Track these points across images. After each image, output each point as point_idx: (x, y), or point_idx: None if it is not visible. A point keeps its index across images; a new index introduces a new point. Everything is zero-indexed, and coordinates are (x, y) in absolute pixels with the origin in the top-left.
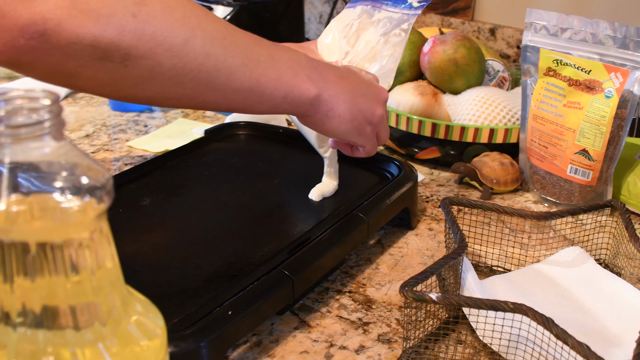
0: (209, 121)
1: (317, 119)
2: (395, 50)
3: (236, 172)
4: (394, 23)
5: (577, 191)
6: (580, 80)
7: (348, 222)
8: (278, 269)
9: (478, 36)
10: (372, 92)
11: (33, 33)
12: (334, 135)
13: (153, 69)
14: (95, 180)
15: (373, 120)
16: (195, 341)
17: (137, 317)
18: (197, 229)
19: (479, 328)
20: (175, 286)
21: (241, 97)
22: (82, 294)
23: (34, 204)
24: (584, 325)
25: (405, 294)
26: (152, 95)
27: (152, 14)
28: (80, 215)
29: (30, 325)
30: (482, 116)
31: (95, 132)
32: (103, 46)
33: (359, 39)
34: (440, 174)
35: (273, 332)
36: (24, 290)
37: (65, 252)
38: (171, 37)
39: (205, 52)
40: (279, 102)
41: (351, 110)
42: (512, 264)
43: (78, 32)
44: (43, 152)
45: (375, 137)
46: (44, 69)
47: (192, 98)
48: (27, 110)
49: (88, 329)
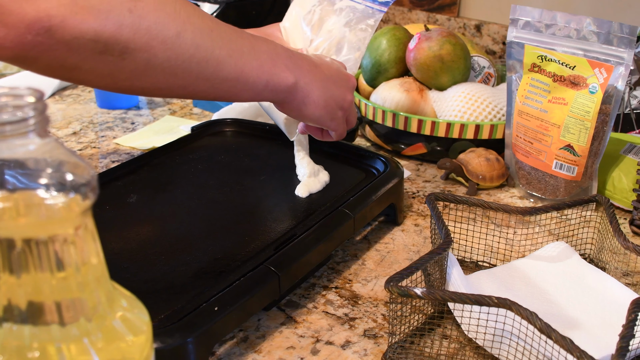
0: (195, 118)
1: (294, 105)
2: (362, 43)
3: (223, 168)
4: (357, 14)
5: (562, 186)
6: (564, 76)
7: (334, 218)
8: (264, 265)
9: (464, 32)
10: (342, 79)
11: (39, 29)
12: (309, 120)
13: (149, 61)
14: (80, 177)
15: (344, 106)
16: (181, 337)
17: (122, 312)
18: (184, 226)
19: (464, 323)
20: (162, 282)
21: (227, 86)
22: (67, 289)
23: (19, 200)
24: (568, 320)
25: (390, 289)
26: (147, 86)
27: (147, 9)
28: (65, 211)
29: (16, 321)
30: (468, 112)
31: (82, 129)
32: (103, 40)
33: (322, 28)
34: (427, 170)
35: (259, 327)
36: (10, 286)
37: (50, 248)
38: (165, 31)
39: (195, 44)
40: (260, 90)
41: (324, 97)
42: (497, 259)
43: (81, 28)
44: (28, 149)
45: (345, 122)
46: (47, 63)
47: (183, 88)
48: (11, 108)
49: (73, 325)
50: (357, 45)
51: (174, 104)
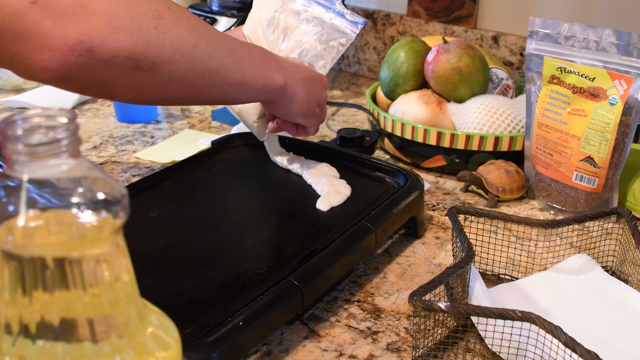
0: (214, 132)
1: (282, 104)
2: (330, 58)
3: (244, 182)
4: (326, 28)
5: (582, 198)
6: (584, 88)
7: (356, 232)
8: (287, 279)
9: (481, 44)
10: (318, 78)
11: (81, 50)
12: (295, 116)
13: (172, 74)
14: (111, 196)
15: (320, 102)
16: (207, 352)
17: (152, 329)
18: (207, 240)
19: (487, 336)
20: (185, 297)
21: (233, 91)
22: (99, 307)
23: (51, 219)
24: (592, 333)
25: (414, 303)
26: (168, 96)
27: (168, 25)
28: (97, 230)
29: (49, 338)
30: (487, 124)
31: (102, 143)
32: (135, 57)
33: (290, 36)
34: (446, 182)
35: (283, 341)
36: (43, 303)
37: (84, 266)
38: (184, 44)
39: (208, 55)
40: (258, 91)
41: (307, 94)
42: (519, 271)
43: (117, 47)
44: (60, 169)
45: (320, 117)
46: (87, 81)
47: (197, 95)
48: (44, 129)
49: (105, 342)
50: (324, 60)
51: (193, 117)
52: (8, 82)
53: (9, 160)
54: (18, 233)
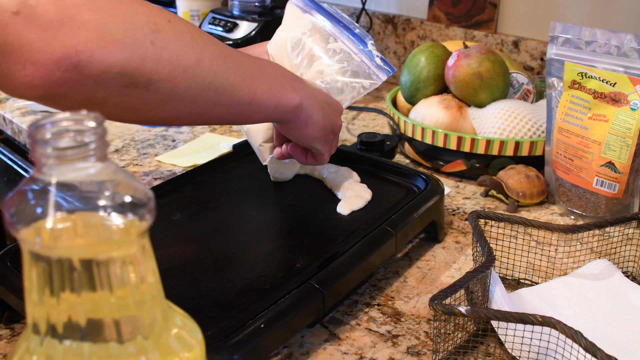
0: (235, 135)
1: (297, 125)
2: (350, 97)
3: (265, 186)
4: (353, 66)
5: (603, 204)
6: (605, 93)
7: (376, 236)
8: (309, 283)
9: (501, 49)
10: (334, 104)
11: (68, 65)
12: (308, 139)
13: (171, 91)
14: (137, 200)
15: (335, 130)
16: (229, 354)
17: (176, 330)
18: (228, 243)
19: (507, 341)
20: (207, 299)
21: (241, 110)
22: (125, 308)
23: (78, 221)
24: (612, 338)
25: (434, 307)
26: (168, 115)
27: (167, 39)
28: (123, 233)
29: (76, 339)
30: (508, 129)
31: (124, 147)
32: (129, 73)
33: (312, 65)
34: (466, 187)
35: (304, 344)
36: (70, 304)
37: (110, 268)
38: (185, 60)
39: (213, 72)
40: (270, 111)
41: (323, 118)
42: (539, 276)
43: (108, 62)
44: (88, 172)
45: (334, 146)
46: (75, 99)
47: (201, 115)
48: (73, 133)
49: (131, 342)
50: (343, 97)
51: None
52: None
53: (38, 164)
54: (45, 235)
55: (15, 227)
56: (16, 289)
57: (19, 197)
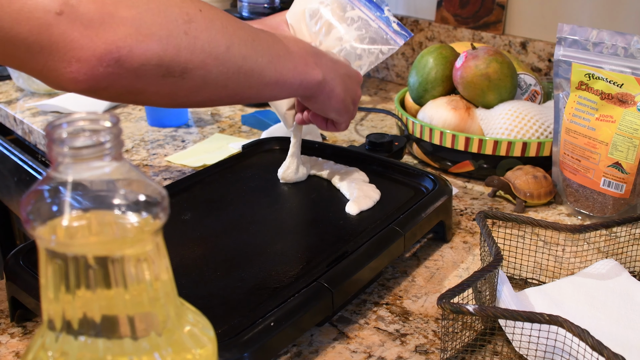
0: (244, 136)
1: (320, 99)
2: (368, 62)
3: (274, 186)
4: (370, 32)
5: (610, 204)
6: (612, 94)
7: (385, 236)
8: (318, 282)
9: (509, 50)
10: (354, 75)
11: (110, 61)
12: (331, 112)
13: (205, 78)
14: (151, 198)
15: (355, 100)
16: (239, 352)
17: (189, 327)
18: (238, 243)
19: (514, 339)
20: (217, 298)
21: (269, 90)
22: (139, 304)
23: (93, 219)
24: (619, 337)
25: (443, 305)
26: (202, 100)
27: (199, 29)
28: (137, 231)
29: (91, 335)
30: (515, 130)
31: (134, 147)
32: (166, 64)
33: (331, 33)
34: (474, 187)
35: (312, 343)
36: (85, 300)
37: (125, 265)
38: (216, 47)
39: (242, 56)
40: (296, 88)
41: (344, 91)
42: (546, 276)
43: (146, 55)
44: (103, 171)
45: (353, 114)
46: (117, 91)
47: (232, 97)
48: (89, 132)
49: (145, 339)
50: (361, 62)
51: (223, 122)
52: (41, 87)
53: (54, 162)
54: (61, 232)
55: (32, 225)
56: (29, 287)
57: (35, 196)
